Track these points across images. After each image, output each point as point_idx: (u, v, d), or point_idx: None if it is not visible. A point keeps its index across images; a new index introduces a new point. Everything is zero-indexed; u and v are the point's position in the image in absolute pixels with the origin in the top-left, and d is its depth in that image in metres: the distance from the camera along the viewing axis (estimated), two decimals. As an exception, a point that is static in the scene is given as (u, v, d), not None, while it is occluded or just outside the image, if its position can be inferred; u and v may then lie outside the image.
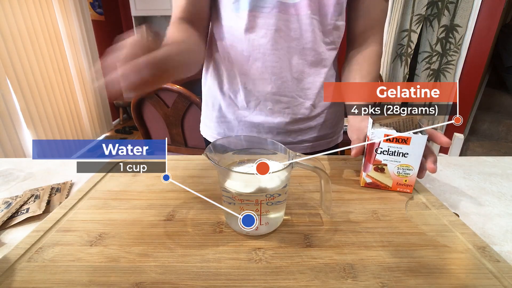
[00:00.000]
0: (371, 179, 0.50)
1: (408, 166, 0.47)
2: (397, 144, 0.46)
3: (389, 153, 0.47)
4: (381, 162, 0.48)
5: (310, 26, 0.59)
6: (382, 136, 0.46)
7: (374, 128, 0.47)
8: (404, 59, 2.54)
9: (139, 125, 1.52)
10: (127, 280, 0.32)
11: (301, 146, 0.71)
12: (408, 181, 0.48)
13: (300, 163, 0.37)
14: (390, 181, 0.49)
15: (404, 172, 0.47)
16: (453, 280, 0.32)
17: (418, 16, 2.40)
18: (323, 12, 0.59)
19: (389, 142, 0.46)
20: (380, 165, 0.48)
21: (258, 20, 0.59)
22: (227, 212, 0.40)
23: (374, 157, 0.48)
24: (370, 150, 0.48)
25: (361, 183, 0.51)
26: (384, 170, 0.48)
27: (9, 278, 0.32)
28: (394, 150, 0.46)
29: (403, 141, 0.45)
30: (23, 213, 0.46)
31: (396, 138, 0.45)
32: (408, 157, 0.46)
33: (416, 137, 0.45)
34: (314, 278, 0.32)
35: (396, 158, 0.47)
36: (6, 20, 2.10)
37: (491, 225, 0.45)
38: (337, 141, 0.77)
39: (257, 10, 0.58)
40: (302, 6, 0.58)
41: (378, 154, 0.47)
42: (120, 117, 3.84)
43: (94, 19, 3.23)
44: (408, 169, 0.47)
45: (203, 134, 0.78)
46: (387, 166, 0.48)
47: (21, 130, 2.25)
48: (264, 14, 0.58)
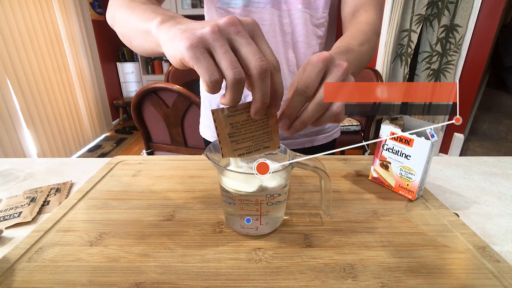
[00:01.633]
0: (377, 174, 0.52)
1: (410, 169, 0.47)
2: (401, 144, 0.47)
3: (393, 151, 0.49)
4: (386, 159, 0.50)
5: (302, 20, 0.60)
6: (388, 133, 0.48)
7: (384, 124, 0.49)
8: (404, 59, 2.54)
9: (139, 125, 1.52)
10: (127, 280, 0.32)
11: (300, 141, 0.72)
12: (410, 186, 0.48)
13: (300, 163, 0.37)
14: (393, 181, 0.50)
15: (406, 175, 0.48)
16: (453, 280, 0.32)
17: (418, 16, 2.40)
18: (314, 5, 0.60)
19: (394, 140, 0.48)
20: (385, 162, 0.50)
21: (252, 15, 0.59)
22: (227, 212, 0.40)
23: (381, 153, 0.51)
24: (379, 145, 0.51)
25: (369, 176, 0.54)
26: (388, 168, 0.50)
27: (9, 278, 0.32)
28: (398, 149, 0.48)
29: (406, 142, 0.46)
30: (15, 217, 0.45)
31: (400, 138, 0.47)
32: (410, 160, 0.47)
33: (419, 140, 0.45)
34: (314, 278, 0.32)
35: (399, 158, 0.48)
36: (6, 20, 2.10)
37: (491, 225, 0.45)
38: (334, 136, 0.77)
39: (252, 5, 0.59)
40: (294, 0, 0.58)
41: (384, 150, 0.50)
42: (120, 117, 3.84)
43: (94, 19, 3.23)
44: (410, 172, 0.47)
45: (202, 135, 0.79)
46: (391, 164, 0.49)
47: (21, 130, 2.25)
48: (258, 9, 0.59)
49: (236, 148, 0.34)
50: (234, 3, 0.59)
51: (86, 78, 3.08)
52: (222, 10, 0.61)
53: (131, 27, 0.40)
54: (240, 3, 0.58)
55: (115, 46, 3.71)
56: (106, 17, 0.49)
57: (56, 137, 2.64)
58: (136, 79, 3.84)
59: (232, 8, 0.59)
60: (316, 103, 0.31)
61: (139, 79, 3.84)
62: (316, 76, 0.31)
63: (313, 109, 0.31)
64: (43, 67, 2.48)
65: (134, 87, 3.87)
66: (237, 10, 0.59)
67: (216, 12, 0.62)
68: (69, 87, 2.83)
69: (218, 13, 0.61)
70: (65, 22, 2.73)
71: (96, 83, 3.24)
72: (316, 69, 0.31)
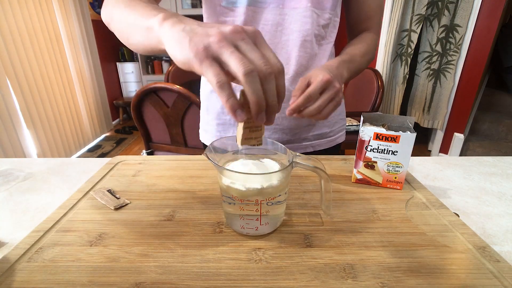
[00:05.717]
0: (362, 176, 0.52)
1: (397, 163, 0.48)
2: (387, 142, 0.47)
3: (379, 150, 0.48)
4: (371, 159, 0.49)
5: (310, 19, 0.60)
6: (372, 134, 0.48)
7: (364, 127, 0.48)
8: (404, 59, 2.54)
9: (139, 125, 1.52)
10: (127, 280, 0.32)
11: (302, 145, 0.71)
12: (398, 178, 0.49)
13: (300, 163, 0.37)
14: (380, 178, 0.50)
15: (394, 169, 0.48)
16: (453, 280, 0.32)
17: (418, 16, 2.40)
18: (322, 5, 0.60)
19: (378, 140, 0.48)
20: (370, 162, 0.50)
21: (255, 15, 0.59)
22: (227, 212, 0.40)
23: (364, 155, 0.50)
24: (360, 147, 0.50)
25: (352, 179, 0.53)
26: (374, 167, 0.50)
27: (9, 278, 0.32)
28: (384, 148, 0.48)
29: (393, 139, 0.47)
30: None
31: (386, 136, 0.47)
32: (397, 155, 0.47)
33: (405, 135, 0.46)
34: (314, 278, 0.32)
35: (385, 155, 0.48)
36: (6, 20, 2.10)
37: (491, 225, 0.45)
38: (338, 140, 0.77)
39: (256, 4, 0.58)
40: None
41: (368, 151, 0.49)
42: (120, 117, 3.84)
43: (94, 19, 3.23)
44: (397, 166, 0.48)
45: (202, 140, 0.78)
46: (377, 163, 0.49)
47: (21, 130, 2.25)
48: (261, 9, 0.59)
49: (249, 137, 0.35)
50: (239, 2, 0.59)
51: (86, 78, 3.08)
52: (226, 9, 0.60)
53: (130, 23, 0.40)
54: (244, 2, 0.58)
55: (115, 46, 3.71)
56: (102, 15, 0.49)
57: (56, 137, 2.64)
58: (136, 79, 3.83)
59: (236, 7, 0.59)
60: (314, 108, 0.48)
61: (139, 79, 3.84)
62: (318, 91, 0.47)
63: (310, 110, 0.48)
64: (43, 67, 2.47)
65: (134, 87, 3.87)
66: (241, 9, 0.59)
67: (218, 11, 0.61)
68: (69, 87, 2.83)
69: (220, 12, 0.61)
70: (65, 22, 2.73)
71: (96, 83, 3.24)
72: (318, 87, 0.47)
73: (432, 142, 2.81)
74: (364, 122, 0.50)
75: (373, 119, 0.51)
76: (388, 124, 0.50)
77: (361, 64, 0.64)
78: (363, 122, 0.49)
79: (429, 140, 2.87)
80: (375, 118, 0.51)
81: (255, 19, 0.59)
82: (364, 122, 0.50)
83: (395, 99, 2.70)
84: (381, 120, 0.51)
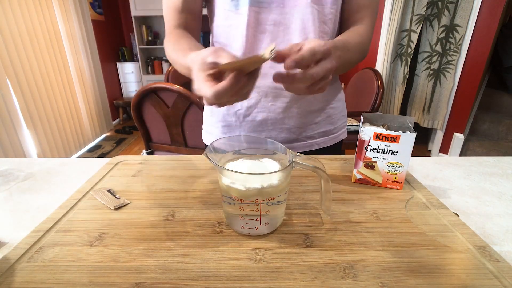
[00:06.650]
0: (362, 176, 0.52)
1: (397, 163, 0.48)
2: (387, 142, 0.47)
3: (378, 150, 0.48)
4: (371, 159, 0.49)
5: (311, 15, 0.60)
6: (372, 134, 0.48)
7: (364, 127, 0.48)
8: (404, 59, 2.54)
9: (139, 125, 1.52)
10: (127, 280, 0.32)
11: (308, 143, 0.71)
12: (398, 178, 0.49)
13: (300, 163, 0.37)
14: (380, 178, 0.50)
15: (394, 169, 0.48)
16: (453, 280, 0.32)
17: (418, 16, 2.40)
18: (322, 1, 0.60)
19: (378, 140, 0.47)
20: (370, 162, 0.50)
21: (258, 16, 0.59)
22: (227, 212, 0.40)
23: (364, 155, 0.50)
24: (360, 147, 0.50)
25: (352, 179, 0.53)
26: (374, 167, 0.50)
27: (9, 278, 0.32)
28: (384, 148, 0.48)
29: (393, 139, 0.47)
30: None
31: (386, 136, 0.47)
32: (397, 155, 0.47)
33: (405, 135, 0.46)
34: (314, 278, 0.32)
35: (386, 155, 0.48)
36: (6, 20, 2.10)
37: (491, 225, 0.45)
38: (341, 137, 0.77)
39: (258, 5, 0.59)
40: None
41: (368, 151, 0.49)
42: (120, 117, 3.84)
43: (94, 19, 3.23)
44: (398, 166, 0.48)
45: (205, 141, 0.78)
46: (377, 163, 0.49)
47: (21, 130, 2.25)
48: (263, 9, 0.59)
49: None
50: (241, 4, 0.59)
51: (86, 78, 3.08)
52: (230, 12, 0.61)
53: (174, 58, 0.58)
54: (246, 3, 0.59)
55: (115, 46, 3.71)
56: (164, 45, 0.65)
57: (56, 137, 2.64)
58: (136, 79, 3.84)
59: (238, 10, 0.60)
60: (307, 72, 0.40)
61: (139, 79, 3.84)
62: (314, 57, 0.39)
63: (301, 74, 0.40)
64: (43, 67, 2.48)
65: (134, 87, 3.87)
66: (243, 10, 0.59)
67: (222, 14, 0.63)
68: (69, 87, 2.83)
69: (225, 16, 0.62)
70: (65, 22, 2.73)
71: (96, 83, 3.24)
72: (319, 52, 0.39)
73: (432, 142, 2.81)
74: (364, 122, 0.50)
75: (373, 119, 0.51)
76: (388, 124, 0.50)
77: (352, 59, 0.59)
78: (363, 122, 0.49)
79: (429, 140, 2.87)
80: (375, 118, 0.51)
81: (257, 20, 0.60)
82: (364, 122, 0.50)
83: (395, 99, 2.70)
84: (381, 120, 0.51)
